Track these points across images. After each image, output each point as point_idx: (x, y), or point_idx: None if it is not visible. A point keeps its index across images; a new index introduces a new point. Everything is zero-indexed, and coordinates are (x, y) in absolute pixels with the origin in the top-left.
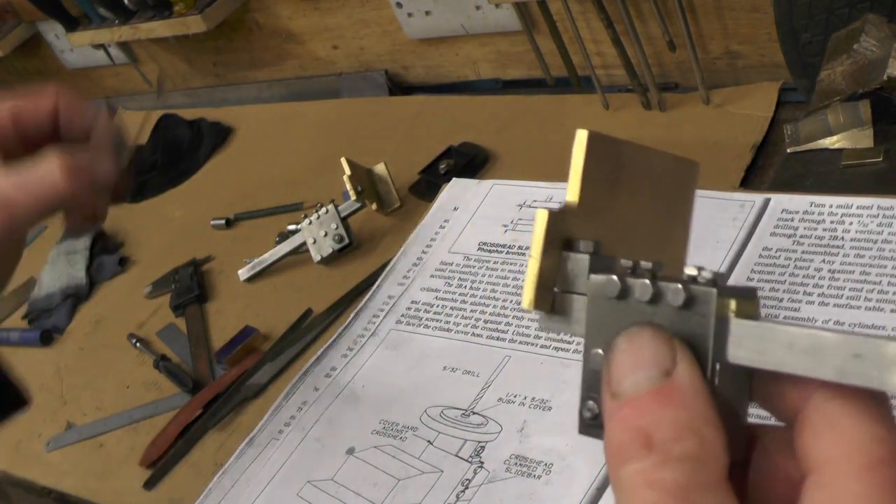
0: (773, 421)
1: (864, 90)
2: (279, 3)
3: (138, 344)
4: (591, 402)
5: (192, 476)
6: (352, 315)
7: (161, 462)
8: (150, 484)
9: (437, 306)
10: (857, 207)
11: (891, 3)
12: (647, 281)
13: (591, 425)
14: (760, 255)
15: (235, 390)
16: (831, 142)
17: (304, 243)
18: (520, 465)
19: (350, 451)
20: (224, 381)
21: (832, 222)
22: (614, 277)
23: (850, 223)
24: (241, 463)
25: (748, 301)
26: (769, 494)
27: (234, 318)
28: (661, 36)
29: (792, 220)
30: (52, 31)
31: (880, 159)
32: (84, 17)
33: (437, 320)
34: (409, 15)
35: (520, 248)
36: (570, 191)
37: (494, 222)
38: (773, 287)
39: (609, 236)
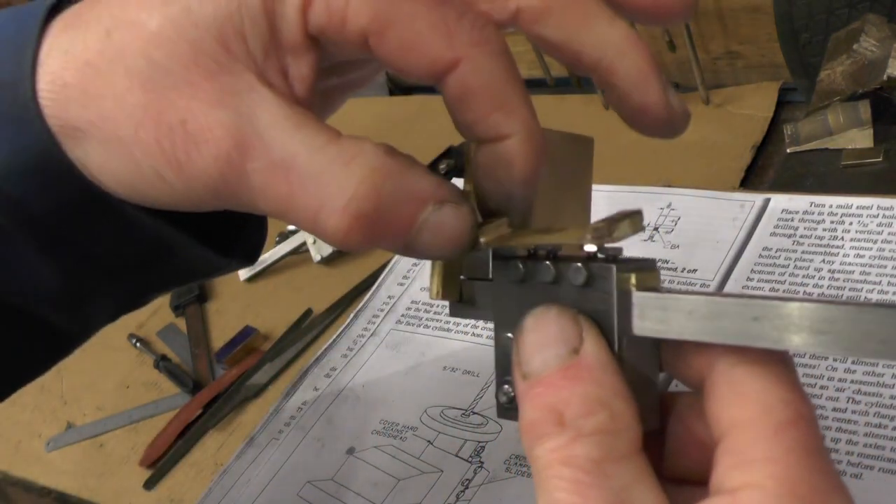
0: (684, 388)
1: (864, 90)
2: None
3: (138, 344)
4: (506, 387)
5: (192, 476)
6: (352, 315)
7: (161, 462)
8: (150, 484)
9: (438, 306)
10: (857, 207)
11: (891, 3)
12: (548, 262)
13: (508, 408)
14: (760, 256)
15: (235, 390)
16: (831, 142)
17: (304, 243)
18: (520, 465)
19: (350, 451)
20: (224, 381)
21: (832, 222)
22: (517, 262)
23: (850, 223)
24: (241, 463)
25: (648, 272)
26: (685, 460)
27: (234, 318)
28: (661, 36)
29: (792, 220)
30: None
31: (880, 159)
32: None
33: (437, 320)
34: None
35: None
36: (467, 178)
37: None
38: (772, 287)
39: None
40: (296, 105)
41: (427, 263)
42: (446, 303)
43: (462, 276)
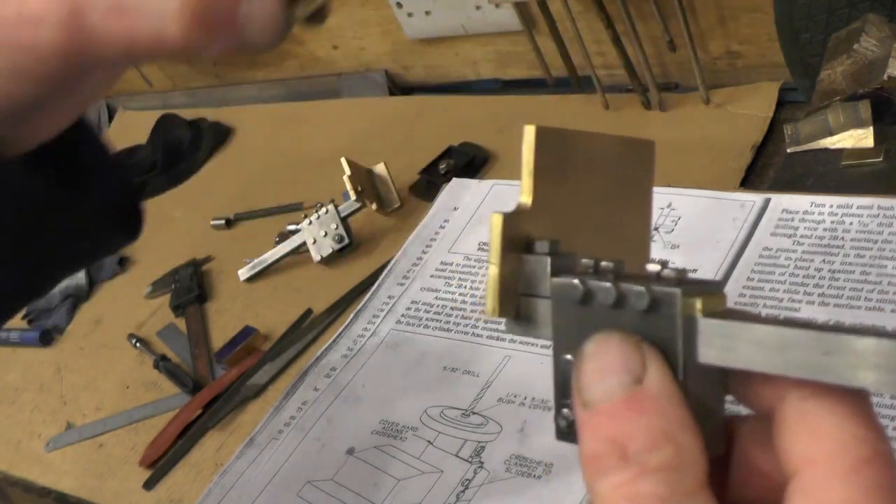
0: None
1: (864, 90)
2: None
3: (138, 344)
4: (565, 410)
5: (192, 476)
6: (352, 315)
7: (161, 462)
8: (150, 484)
9: (437, 306)
10: (857, 207)
11: (891, 3)
12: (610, 284)
13: (568, 433)
14: (760, 256)
15: (235, 390)
16: (831, 142)
17: (304, 243)
18: (520, 465)
19: (350, 451)
20: (224, 381)
21: (832, 222)
22: (576, 281)
23: (850, 223)
24: (241, 463)
25: (714, 297)
26: (750, 490)
27: (234, 318)
28: (661, 36)
29: (792, 220)
30: None
31: (880, 159)
32: None
33: (437, 320)
34: (409, 15)
35: None
36: (524, 190)
37: None
38: (773, 287)
39: (568, 231)
40: None
41: (487, 277)
42: (501, 320)
43: (520, 293)
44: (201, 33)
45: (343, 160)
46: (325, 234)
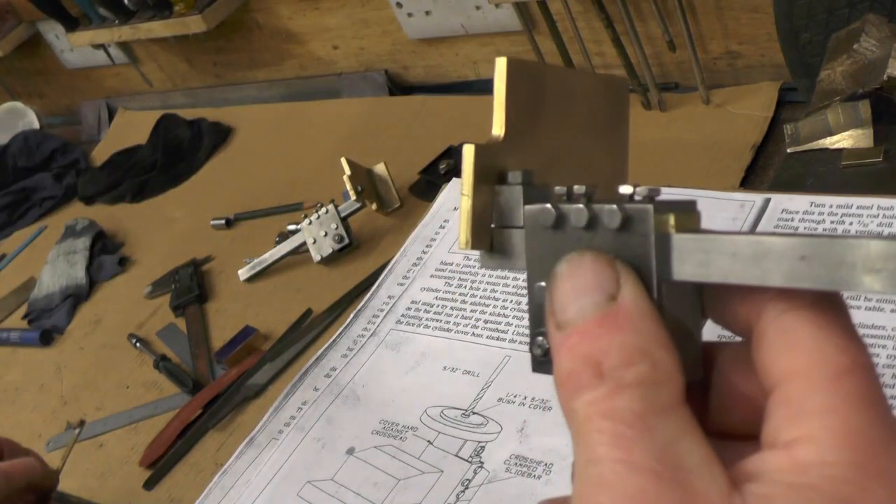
0: (730, 337)
1: (864, 90)
2: (279, 3)
3: (138, 344)
4: (540, 339)
5: (192, 476)
6: (352, 315)
7: (161, 462)
8: (150, 484)
9: (437, 306)
10: (857, 207)
11: (891, 3)
12: (582, 206)
13: (543, 362)
14: None
15: (235, 390)
16: (831, 142)
17: (304, 243)
18: (520, 465)
19: (350, 451)
20: (224, 381)
21: (832, 222)
22: (548, 206)
23: (850, 223)
24: (241, 463)
25: (687, 214)
26: (730, 415)
27: (234, 318)
28: (661, 36)
29: (792, 220)
30: (52, 31)
31: (880, 159)
32: (84, 17)
33: (437, 320)
34: (409, 15)
35: None
36: (496, 122)
37: None
38: None
39: (542, 164)
40: None
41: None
42: (475, 254)
43: (492, 225)
44: None
45: (343, 160)
46: (325, 234)
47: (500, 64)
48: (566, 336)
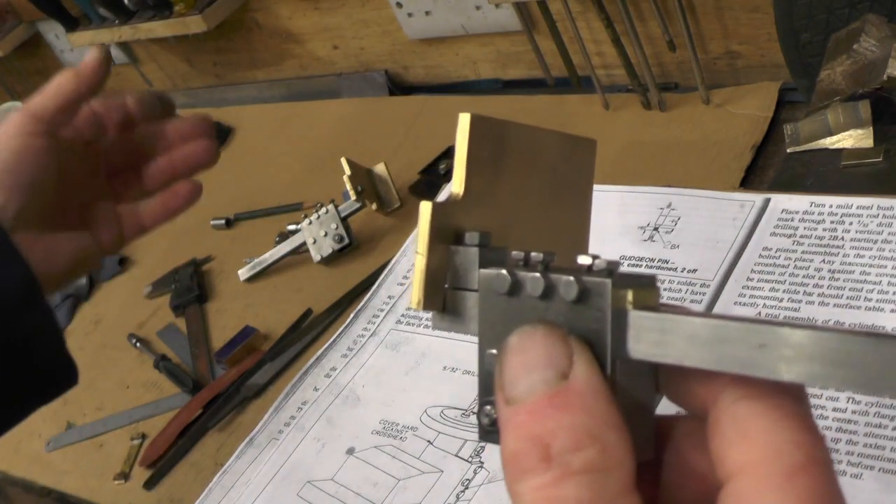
0: (684, 412)
1: (864, 90)
2: (279, 3)
3: (138, 344)
4: (487, 407)
5: (192, 476)
6: (352, 315)
7: (161, 462)
8: (150, 484)
9: None
10: (857, 207)
11: (891, 3)
12: (538, 274)
13: (490, 431)
14: (760, 256)
15: (235, 390)
16: (831, 142)
17: (304, 243)
18: None
19: (350, 451)
20: (224, 381)
21: (832, 222)
22: (503, 272)
23: (850, 223)
24: (241, 463)
25: (647, 290)
26: (683, 492)
27: (234, 318)
28: (661, 36)
29: (792, 220)
30: (52, 31)
31: (880, 159)
32: (84, 17)
33: None
34: (409, 15)
35: None
36: (455, 180)
37: None
38: (772, 287)
39: (500, 224)
40: None
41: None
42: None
43: (446, 285)
44: (85, 77)
45: (343, 160)
46: (325, 234)
47: (464, 120)
48: (514, 412)
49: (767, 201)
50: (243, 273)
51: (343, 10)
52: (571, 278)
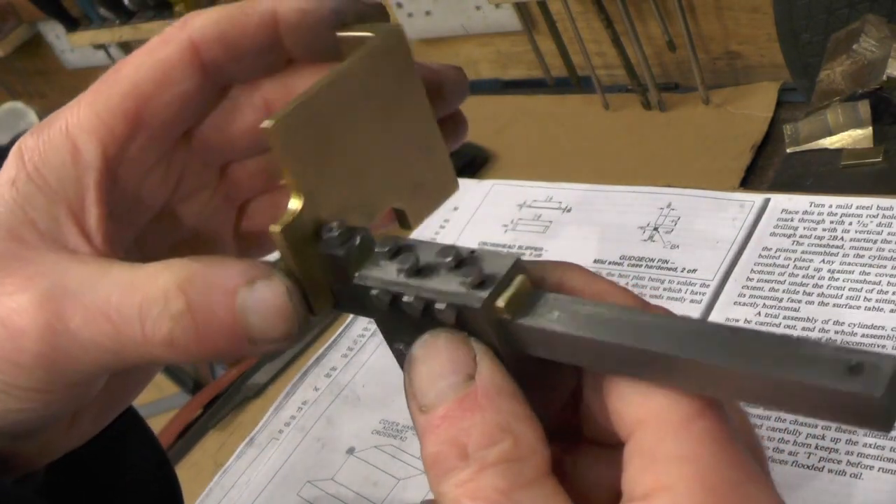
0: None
1: (863, 90)
2: None
3: None
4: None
5: (192, 476)
6: (352, 315)
7: None
8: None
9: None
10: (857, 207)
11: (891, 3)
12: (411, 299)
13: None
14: (760, 255)
15: (235, 390)
16: (831, 142)
17: None
18: None
19: (350, 451)
20: (224, 381)
21: (832, 222)
22: (377, 293)
23: (850, 223)
24: (241, 463)
25: (518, 282)
26: (602, 428)
27: None
28: (661, 36)
29: (791, 220)
30: (53, 32)
31: (880, 159)
32: (84, 17)
33: None
34: (410, 15)
35: (520, 247)
36: (292, 194)
37: (495, 222)
38: (772, 287)
39: (357, 193)
40: (100, 257)
41: None
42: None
43: (329, 283)
44: (193, 342)
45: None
46: None
47: (271, 132)
48: (429, 419)
49: (767, 201)
50: None
51: None
52: (444, 306)
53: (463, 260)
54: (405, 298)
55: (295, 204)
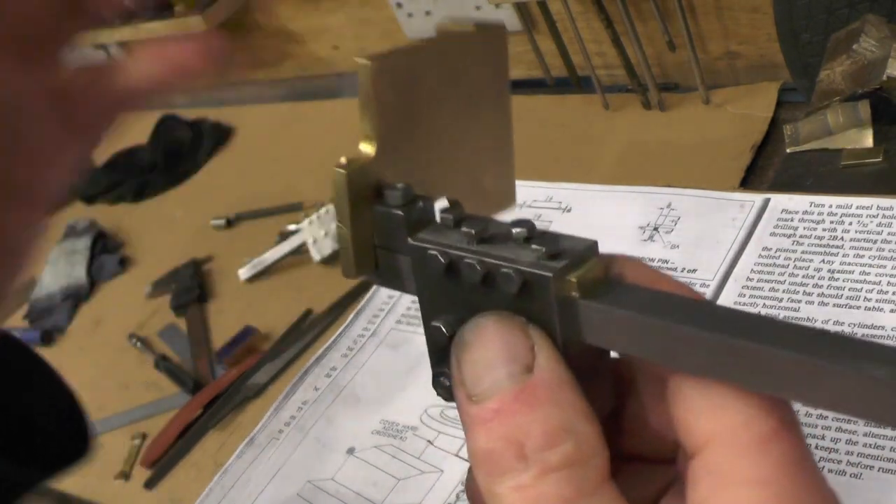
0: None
1: (863, 90)
2: (279, 3)
3: (138, 344)
4: (443, 379)
5: (192, 476)
6: (352, 315)
7: (161, 462)
8: (150, 484)
9: None
10: (857, 207)
11: (890, 3)
12: (474, 261)
13: (450, 397)
14: (760, 256)
15: (235, 390)
16: (831, 142)
17: (304, 243)
18: None
19: (350, 451)
20: (224, 381)
21: (832, 222)
22: (434, 252)
23: (850, 223)
24: (241, 463)
25: (592, 265)
26: (644, 442)
27: (234, 318)
28: (661, 36)
29: (791, 220)
30: None
31: (880, 159)
32: None
33: None
34: (410, 15)
35: None
36: (367, 136)
37: None
38: (772, 287)
39: (421, 165)
40: None
41: None
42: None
43: (376, 245)
44: None
45: (343, 160)
46: (326, 234)
47: (364, 71)
48: (480, 411)
49: (767, 201)
50: (243, 273)
51: (343, 10)
52: (511, 272)
53: (536, 235)
54: (467, 260)
55: (367, 148)
